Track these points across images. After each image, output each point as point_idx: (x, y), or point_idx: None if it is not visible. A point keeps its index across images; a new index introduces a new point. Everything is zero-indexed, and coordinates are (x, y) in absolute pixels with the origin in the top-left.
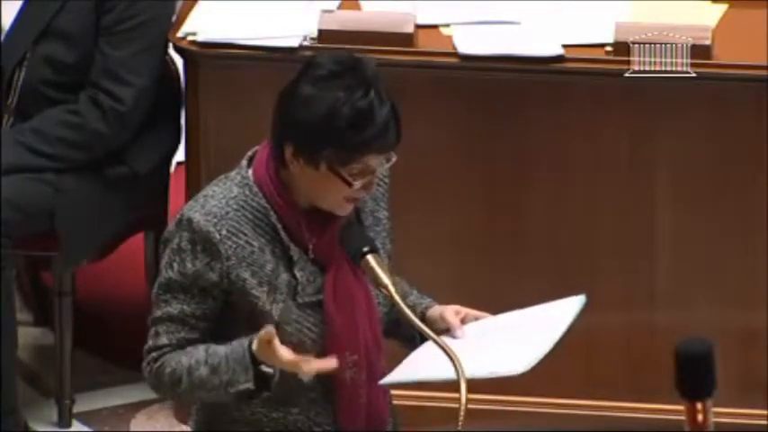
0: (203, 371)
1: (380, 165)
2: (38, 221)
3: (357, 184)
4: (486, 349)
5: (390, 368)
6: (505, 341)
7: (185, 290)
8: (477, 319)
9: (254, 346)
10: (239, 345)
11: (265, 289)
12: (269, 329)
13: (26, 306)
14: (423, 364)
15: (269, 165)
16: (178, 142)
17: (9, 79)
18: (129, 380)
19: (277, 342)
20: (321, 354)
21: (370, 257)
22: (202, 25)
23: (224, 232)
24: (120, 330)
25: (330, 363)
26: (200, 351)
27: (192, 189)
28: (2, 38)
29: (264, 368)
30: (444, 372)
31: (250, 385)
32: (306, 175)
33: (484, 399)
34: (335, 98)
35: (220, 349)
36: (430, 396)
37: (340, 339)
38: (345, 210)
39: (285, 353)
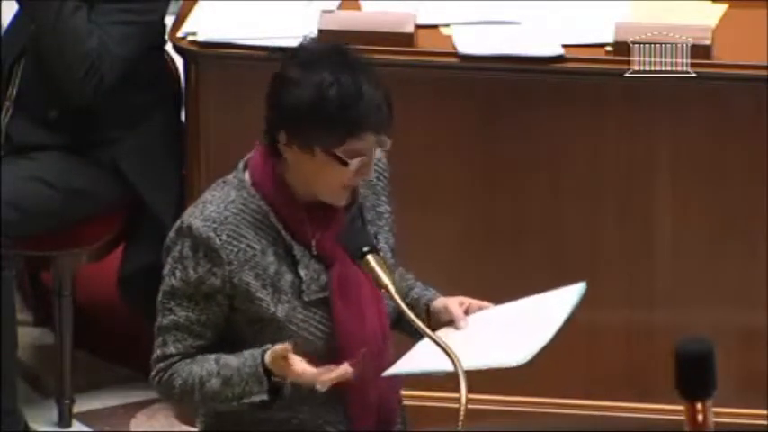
0: (215, 383)
1: (374, 148)
2: (38, 221)
3: (353, 163)
4: (487, 340)
5: (398, 359)
6: (507, 332)
7: (189, 297)
8: (480, 309)
9: (268, 359)
10: (251, 357)
11: (269, 291)
12: (285, 346)
13: (26, 306)
14: (425, 356)
15: (266, 163)
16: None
17: (9, 71)
18: (129, 380)
19: (293, 356)
20: (330, 350)
21: (370, 257)
22: (202, 25)
23: (224, 237)
24: (120, 330)
25: (345, 369)
26: (210, 362)
27: (192, 189)
28: (2, 33)
29: (277, 378)
30: (446, 364)
31: (264, 396)
32: (302, 163)
33: (484, 399)
34: (322, 79)
35: (232, 361)
36: (430, 396)
37: (348, 334)
38: (343, 199)
39: (301, 367)
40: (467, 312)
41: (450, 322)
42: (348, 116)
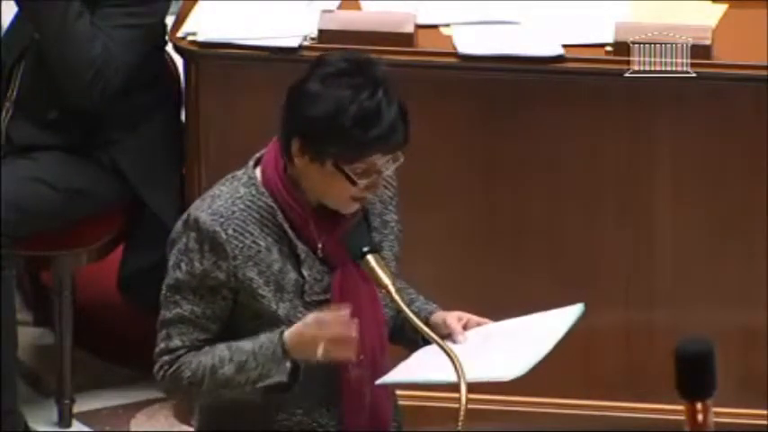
0: (228, 369)
1: (387, 165)
2: (38, 221)
3: (362, 183)
4: (483, 354)
5: (394, 367)
6: (503, 347)
7: (194, 290)
8: (479, 325)
9: (286, 336)
10: (268, 339)
11: (272, 288)
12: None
13: (26, 306)
14: (422, 365)
15: (278, 162)
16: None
17: (9, 72)
18: (129, 380)
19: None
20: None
21: (370, 257)
22: (202, 25)
23: (230, 231)
24: (120, 330)
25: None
26: (222, 350)
27: (192, 189)
28: (2, 34)
29: (295, 358)
30: (442, 374)
31: (283, 377)
32: (312, 172)
33: (484, 399)
34: (342, 96)
35: (246, 345)
36: (430, 396)
37: None
38: (351, 208)
39: (312, 316)
40: (465, 327)
41: (448, 336)
42: (363, 137)
